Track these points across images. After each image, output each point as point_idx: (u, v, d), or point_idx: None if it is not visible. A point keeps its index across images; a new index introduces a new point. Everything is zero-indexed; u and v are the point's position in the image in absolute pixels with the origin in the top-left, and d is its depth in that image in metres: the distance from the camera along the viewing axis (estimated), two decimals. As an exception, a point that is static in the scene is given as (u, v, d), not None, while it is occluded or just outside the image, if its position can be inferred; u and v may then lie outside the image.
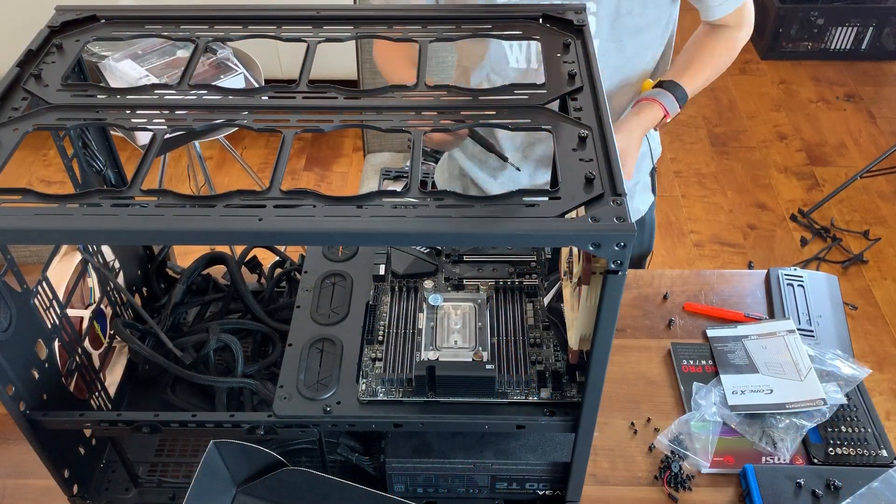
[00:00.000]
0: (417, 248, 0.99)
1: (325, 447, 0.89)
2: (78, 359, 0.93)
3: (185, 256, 1.20)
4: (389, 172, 2.03)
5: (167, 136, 0.72)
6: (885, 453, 1.00)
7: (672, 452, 1.01)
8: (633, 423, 1.06)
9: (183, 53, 1.88)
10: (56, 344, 0.88)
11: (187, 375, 0.97)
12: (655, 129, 1.23)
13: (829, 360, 1.09)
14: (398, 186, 2.01)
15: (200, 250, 1.13)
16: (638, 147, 1.17)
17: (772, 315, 1.20)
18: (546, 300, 0.92)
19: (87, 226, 0.63)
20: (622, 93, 1.26)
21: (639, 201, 1.42)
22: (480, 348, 0.85)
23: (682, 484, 0.98)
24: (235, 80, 1.82)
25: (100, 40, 0.85)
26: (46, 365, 0.85)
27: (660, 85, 1.22)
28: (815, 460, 1.00)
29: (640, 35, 1.18)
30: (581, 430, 0.80)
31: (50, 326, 0.87)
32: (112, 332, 1.03)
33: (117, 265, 1.04)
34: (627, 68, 1.22)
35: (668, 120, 1.20)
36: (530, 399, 0.83)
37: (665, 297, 1.23)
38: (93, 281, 0.99)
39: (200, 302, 1.11)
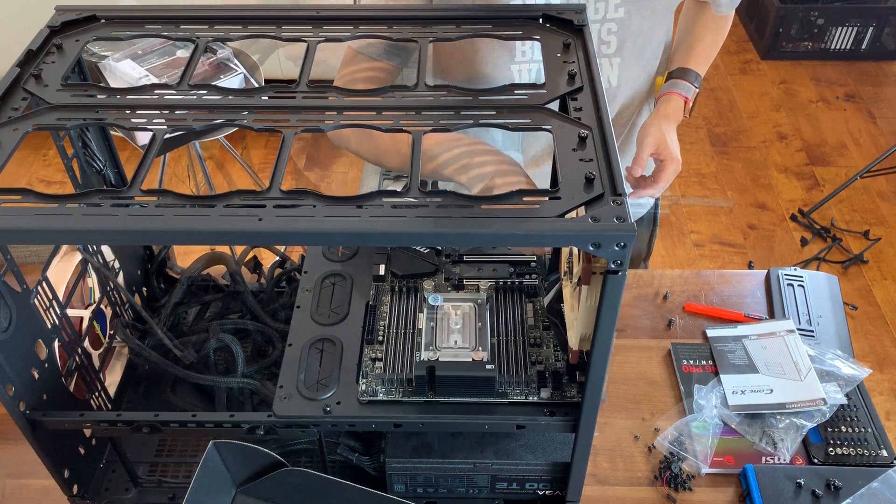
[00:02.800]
0: (417, 248, 0.99)
1: (325, 447, 0.89)
2: (78, 359, 0.93)
3: (185, 256, 1.20)
4: (389, 172, 2.03)
5: (167, 136, 0.72)
6: (885, 453, 1.00)
7: (671, 454, 1.01)
8: (633, 423, 1.06)
9: (183, 53, 1.88)
10: (56, 344, 0.88)
11: (187, 375, 0.97)
12: (686, 116, 1.24)
13: (829, 360, 1.09)
14: (398, 186, 2.00)
15: (200, 250, 1.13)
16: (673, 137, 1.17)
17: (772, 315, 1.20)
18: (546, 300, 0.92)
19: (87, 226, 0.63)
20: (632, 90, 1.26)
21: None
22: (480, 348, 0.85)
23: (682, 484, 0.98)
24: (235, 80, 1.82)
25: (100, 40, 0.85)
26: (46, 365, 0.85)
27: (670, 76, 1.23)
28: (815, 460, 1.00)
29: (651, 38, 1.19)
30: (581, 430, 0.80)
31: (50, 326, 0.87)
32: (112, 332, 1.03)
33: (117, 265, 1.04)
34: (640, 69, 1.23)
35: (691, 104, 1.22)
36: (530, 399, 0.83)
37: (665, 297, 1.23)
38: (93, 281, 0.99)
39: (200, 301, 1.11)
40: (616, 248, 0.62)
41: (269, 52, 2.66)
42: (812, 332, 1.16)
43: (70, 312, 0.92)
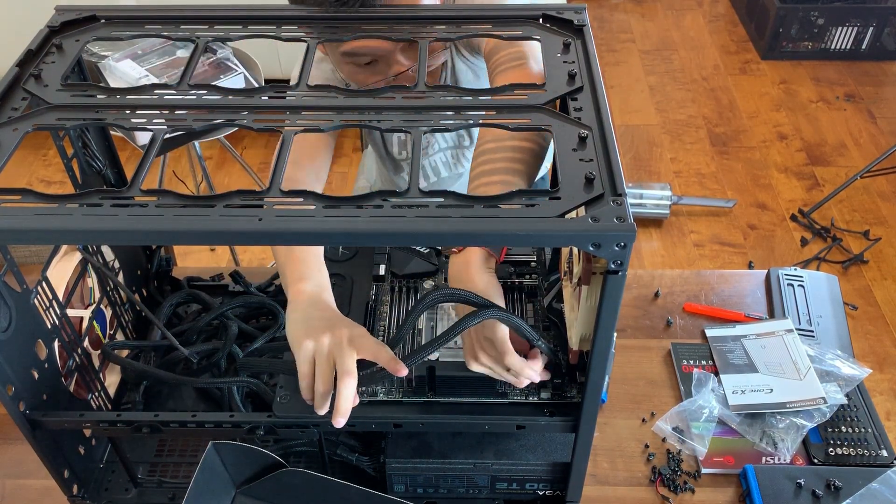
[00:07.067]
0: (417, 248, 0.99)
1: (325, 447, 0.89)
2: (78, 359, 0.93)
3: (185, 256, 1.20)
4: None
5: (167, 136, 0.72)
6: (885, 453, 1.00)
7: (670, 454, 1.01)
8: (633, 423, 1.06)
9: (183, 53, 1.88)
10: (56, 344, 0.88)
11: (186, 381, 0.97)
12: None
13: (829, 360, 1.09)
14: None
15: (200, 250, 1.13)
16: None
17: (772, 315, 1.20)
18: (546, 300, 0.92)
19: (87, 226, 0.63)
20: None
21: None
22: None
23: (683, 485, 0.98)
24: (235, 80, 1.82)
25: (100, 40, 0.85)
26: (46, 365, 0.85)
27: None
28: (815, 460, 1.00)
29: None
30: (581, 430, 0.80)
31: (50, 326, 0.87)
32: (112, 332, 1.03)
33: (117, 265, 1.04)
34: None
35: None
36: (530, 399, 0.83)
37: (656, 295, 1.23)
38: (93, 281, 0.99)
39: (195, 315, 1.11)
40: (616, 249, 0.62)
41: (269, 52, 2.66)
42: (812, 332, 1.16)
43: (70, 312, 0.92)
